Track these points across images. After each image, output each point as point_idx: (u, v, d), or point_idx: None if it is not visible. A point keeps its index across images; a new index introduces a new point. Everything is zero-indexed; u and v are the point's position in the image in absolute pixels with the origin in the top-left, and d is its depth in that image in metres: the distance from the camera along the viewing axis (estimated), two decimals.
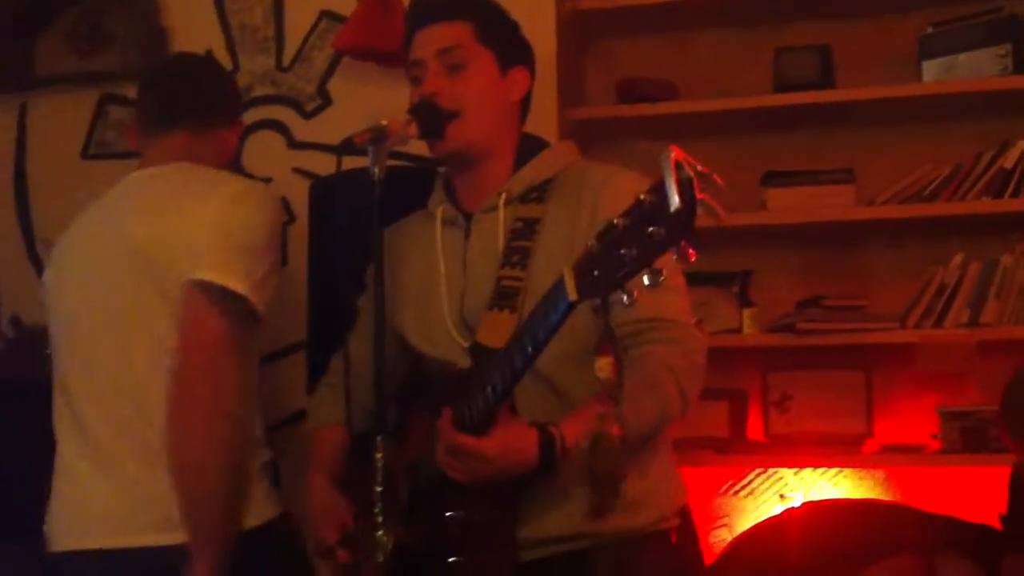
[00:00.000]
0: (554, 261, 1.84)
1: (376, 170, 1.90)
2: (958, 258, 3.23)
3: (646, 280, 1.37)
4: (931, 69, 3.30)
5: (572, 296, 1.47)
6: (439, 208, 2.10)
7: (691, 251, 1.33)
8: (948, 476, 3.20)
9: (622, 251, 1.37)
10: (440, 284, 2.03)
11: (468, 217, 2.07)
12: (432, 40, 2.01)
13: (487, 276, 1.97)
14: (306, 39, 3.60)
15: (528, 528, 1.87)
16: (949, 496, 3.16)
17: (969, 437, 3.10)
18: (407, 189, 2.99)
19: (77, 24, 3.75)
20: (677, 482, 2.07)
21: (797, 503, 3.18)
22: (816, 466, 3.27)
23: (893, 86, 3.31)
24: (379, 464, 1.79)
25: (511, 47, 2.08)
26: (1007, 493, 2.60)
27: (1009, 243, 3.23)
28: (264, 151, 3.58)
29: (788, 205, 3.31)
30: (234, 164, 3.48)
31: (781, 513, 3.09)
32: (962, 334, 3.14)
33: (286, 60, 3.62)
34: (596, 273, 1.42)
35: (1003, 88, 3.20)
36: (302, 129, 3.57)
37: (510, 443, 1.75)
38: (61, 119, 3.73)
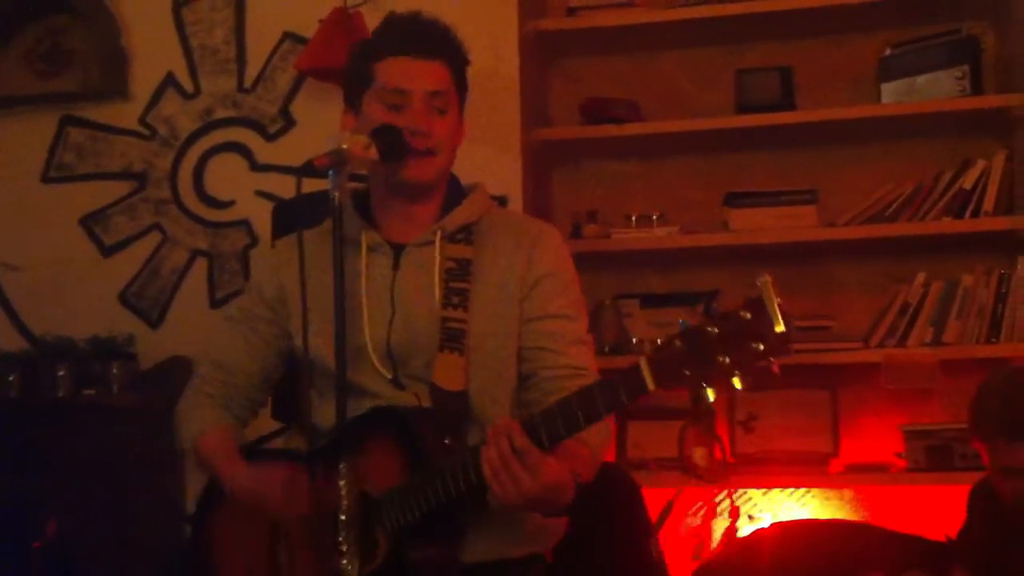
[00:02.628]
0: (491, 304, 2.00)
1: (336, 194, 1.88)
2: (920, 277, 3.25)
3: (736, 383, 1.56)
4: (890, 90, 3.33)
5: (651, 387, 1.62)
6: (363, 234, 2.06)
7: (776, 367, 1.56)
8: (914, 494, 3.22)
9: (719, 357, 1.55)
10: (362, 311, 2.00)
11: (397, 248, 2.06)
12: (423, 77, 2.02)
13: (422, 311, 1.99)
14: (268, 60, 3.58)
15: (465, 553, 1.93)
16: (915, 514, 3.17)
17: (933, 455, 3.12)
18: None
19: (36, 44, 3.71)
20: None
21: (765, 524, 3.18)
22: (783, 487, 3.28)
23: (853, 107, 3.35)
24: (344, 491, 1.76)
25: (465, 92, 2.13)
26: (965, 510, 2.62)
27: (969, 262, 3.26)
28: (226, 173, 3.56)
29: (751, 225, 3.33)
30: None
31: (751, 534, 3.09)
32: (925, 353, 3.16)
33: (248, 81, 3.60)
34: (687, 372, 1.58)
35: (961, 108, 3.24)
36: (264, 151, 3.56)
37: (562, 476, 1.79)
38: (20, 142, 3.69)
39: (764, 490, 3.30)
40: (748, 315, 1.53)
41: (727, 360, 1.54)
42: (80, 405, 3.24)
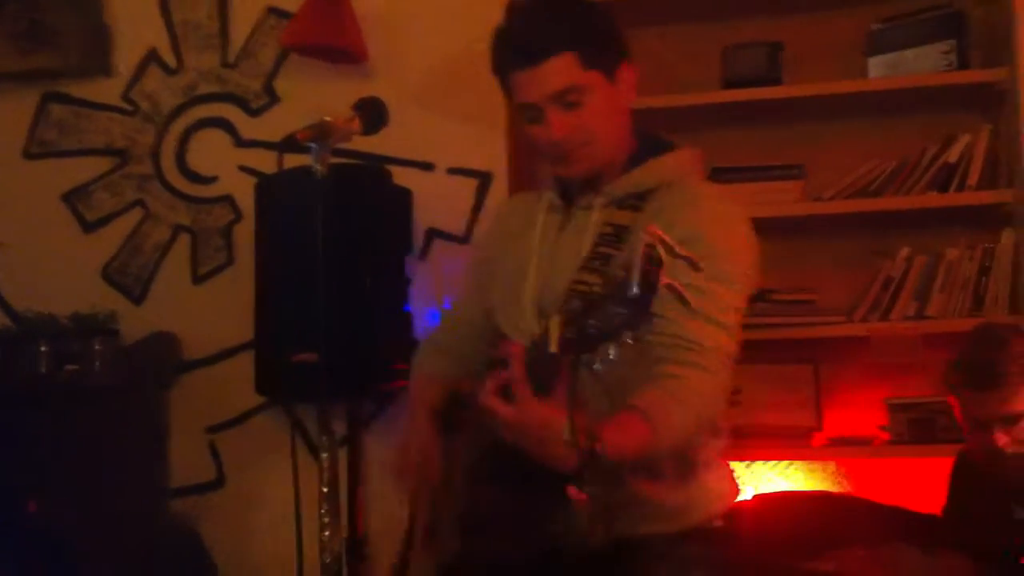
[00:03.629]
0: None
1: (319, 167, 1.87)
2: (904, 252, 3.25)
3: (611, 353, 1.45)
4: (877, 65, 3.32)
5: (553, 348, 1.53)
6: (547, 194, 2.09)
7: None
8: (896, 467, 3.23)
9: (590, 322, 1.46)
10: (530, 269, 2.02)
11: (568, 208, 2.06)
12: (541, 83, 1.91)
13: (567, 273, 1.96)
14: (251, 36, 3.57)
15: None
16: (898, 486, 3.18)
17: (916, 428, 3.13)
18: (354, 186, 2.99)
19: (17, 20, 3.68)
20: (720, 490, 2.12)
21: (748, 496, 3.19)
22: (766, 459, 3.29)
23: (840, 82, 3.33)
24: (325, 464, 1.77)
25: (612, 52, 1.99)
26: (947, 484, 2.63)
27: (953, 236, 3.26)
28: (210, 149, 3.55)
29: (738, 200, 3.30)
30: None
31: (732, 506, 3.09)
32: (908, 327, 3.17)
33: (231, 57, 3.58)
34: (569, 336, 1.50)
35: (948, 83, 3.22)
36: (248, 127, 3.54)
37: (545, 419, 1.65)
38: (1, 118, 3.67)
39: (747, 463, 3.32)
40: (622, 274, 1.44)
41: (595, 324, 1.48)
42: (62, 381, 3.23)
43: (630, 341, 1.45)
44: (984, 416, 2.32)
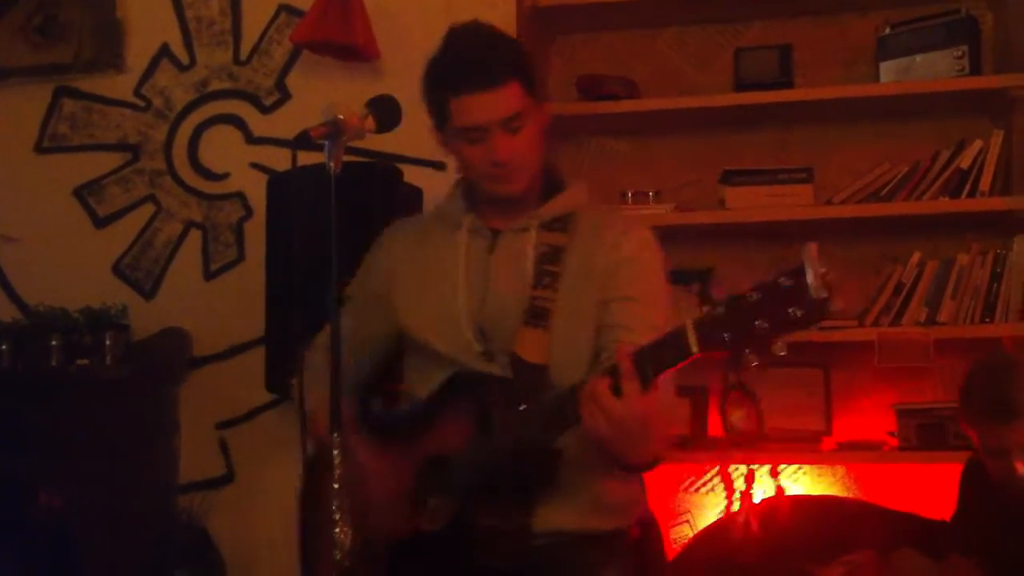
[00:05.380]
0: (577, 285, 2.06)
1: (332, 165, 1.87)
2: (915, 257, 3.25)
3: (780, 350, 1.60)
4: (889, 69, 3.32)
5: (694, 349, 1.65)
6: (465, 218, 2.16)
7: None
8: (905, 472, 3.22)
9: (756, 321, 1.59)
10: (459, 288, 2.10)
11: (494, 232, 2.14)
12: (493, 108, 2.03)
13: (512, 289, 2.08)
14: (264, 33, 3.57)
15: (538, 520, 1.98)
16: (907, 492, 3.18)
17: (926, 434, 3.12)
18: (366, 184, 2.99)
19: (31, 16, 3.69)
20: (635, 496, 2.18)
21: (758, 500, 3.19)
22: (776, 463, 3.28)
23: (851, 86, 3.34)
24: (337, 460, 1.77)
25: (540, 85, 2.14)
26: (957, 490, 2.63)
27: (965, 242, 3.26)
28: (221, 146, 3.55)
29: (747, 203, 3.32)
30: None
31: (741, 509, 3.10)
32: (919, 332, 3.16)
33: (244, 54, 3.58)
34: (726, 336, 1.62)
35: (959, 89, 3.22)
36: (260, 124, 3.54)
37: (653, 410, 1.77)
38: (14, 113, 3.67)
39: (757, 466, 3.31)
40: (788, 282, 1.58)
41: (765, 325, 1.58)
42: (72, 376, 3.23)
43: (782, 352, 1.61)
44: (1002, 446, 2.31)
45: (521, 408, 1.92)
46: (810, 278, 1.56)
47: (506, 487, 1.94)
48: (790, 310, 1.57)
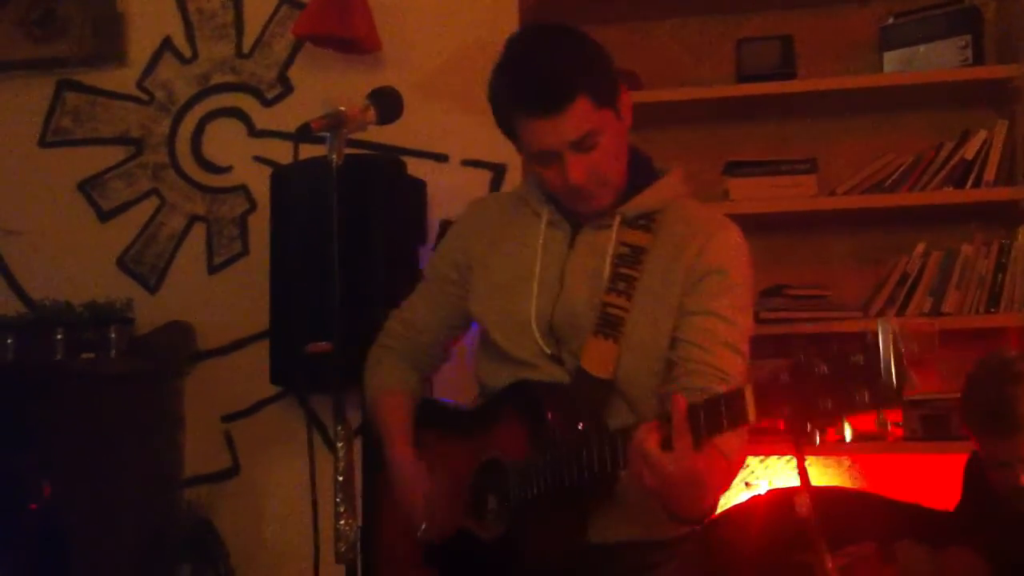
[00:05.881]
0: (655, 293, 1.94)
1: (334, 157, 1.87)
2: (920, 248, 3.24)
3: (845, 433, 1.49)
4: (892, 60, 3.31)
5: (751, 418, 1.55)
6: (544, 208, 2.05)
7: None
8: (910, 463, 3.22)
9: (818, 400, 1.46)
10: (532, 284, 2.00)
11: (575, 226, 2.04)
12: (560, 131, 1.89)
13: (585, 293, 1.98)
14: (266, 26, 3.56)
15: (594, 533, 1.93)
16: (911, 483, 3.18)
17: (930, 425, 3.12)
18: (368, 177, 2.99)
19: (30, 9, 3.68)
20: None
21: (762, 490, 3.19)
22: (781, 454, 3.29)
23: (854, 77, 3.33)
24: (341, 453, 1.77)
25: (615, 85, 1.96)
26: (961, 482, 2.62)
27: (969, 233, 3.26)
28: (224, 139, 3.55)
29: (750, 195, 3.32)
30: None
31: (746, 500, 3.10)
32: (924, 322, 3.15)
33: (246, 47, 3.58)
34: (786, 409, 1.50)
35: (963, 79, 3.22)
36: (262, 117, 3.54)
37: (703, 473, 1.69)
38: (17, 106, 3.67)
39: (762, 457, 3.31)
40: (860, 359, 1.45)
41: (829, 404, 1.47)
42: (77, 370, 3.23)
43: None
44: (1004, 459, 2.30)
45: (580, 427, 1.85)
46: (884, 361, 1.42)
47: (561, 500, 1.86)
48: (858, 393, 1.44)
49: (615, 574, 1.94)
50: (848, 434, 1.39)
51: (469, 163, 3.39)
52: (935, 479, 3.08)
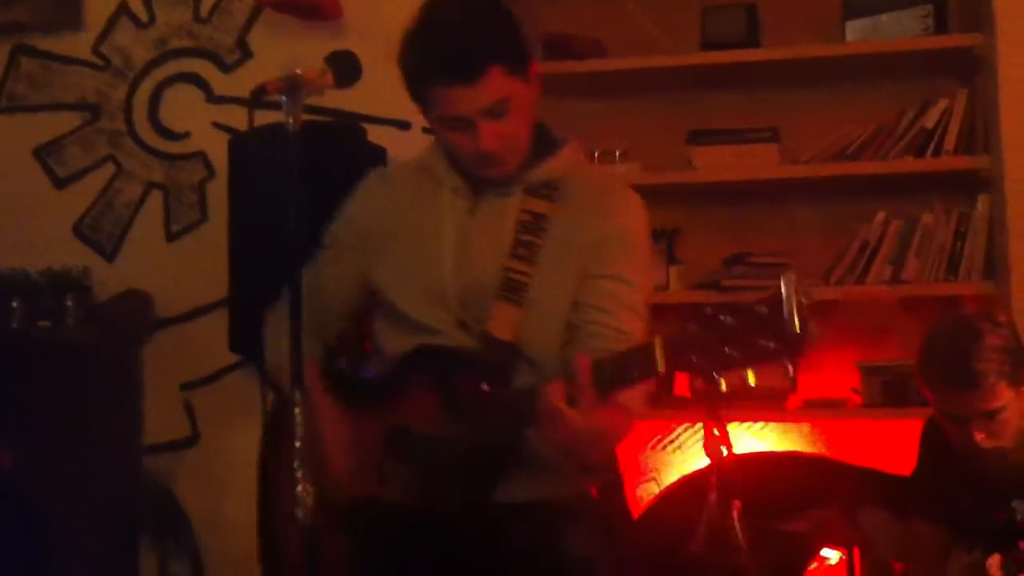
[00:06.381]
0: (557, 259, 1.98)
1: (291, 121, 1.84)
2: (880, 216, 3.26)
3: (751, 380, 1.60)
4: (855, 29, 3.31)
5: (661, 369, 1.63)
6: (448, 177, 2.06)
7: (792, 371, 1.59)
8: (870, 429, 3.25)
9: (726, 348, 1.54)
10: (436, 251, 2.03)
11: (476, 194, 2.05)
12: (474, 99, 1.91)
13: (489, 259, 2.00)
14: None
15: (500, 493, 1.96)
16: (871, 448, 3.21)
17: (890, 391, 3.15)
18: (328, 143, 2.96)
19: None
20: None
21: (723, 457, 3.20)
22: (741, 420, 3.31)
23: (817, 45, 3.32)
24: (298, 419, 1.75)
25: (527, 54, 1.99)
26: (917, 449, 2.65)
27: (929, 201, 3.27)
28: (182, 105, 3.51)
29: (714, 163, 3.32)
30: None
31: (707, 467, 3.11)
32: (884, 290, 3.18)
33: (204, 11, 3.53)
34: (694, 358, 1.58)
35: (925, 48, 3.22)
36: (221, 82, 3.50)
37: (608, 425, 1.80)
38: None
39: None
40: (764, 309, 1.52)
41: (735, 353, 1.54)
42: (35, 338, 3.21)
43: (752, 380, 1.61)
44: (961, 413, 2.31)
45: (485, 389, 1.89)
46: (787, 309, 1.50)
47: (468, 462, 1.91)
48: (763, 341, 1.52)
49: (523, 532, 1.98)
50: (752, 380, 1.43)
51: (430, 130, 3.34)
52: (895, 445, 3.10)
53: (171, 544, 3.37)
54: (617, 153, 3.38)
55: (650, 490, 3.34)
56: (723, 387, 1.61)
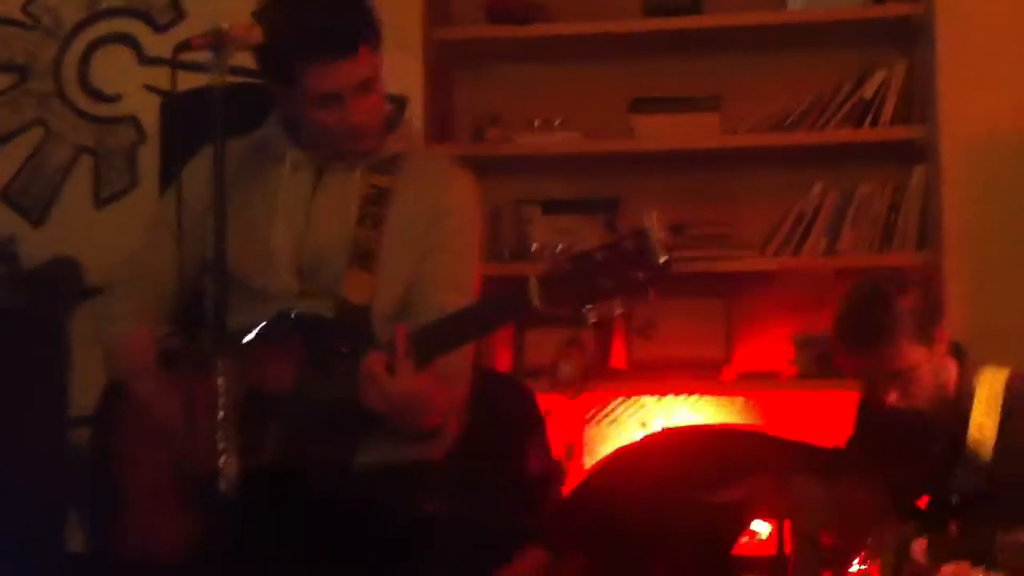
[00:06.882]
0: (404, 230, 2.09)
1: (218, 78, 1.80)
2: (817, 187, 3.27)
3: (617, 309, 1.71)
4: None
5: (537, 303, 1.74)
6: (289, 152, 2.13)
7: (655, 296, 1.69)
8: (804, 402, 3.27)
9: (598, 280, 1.69)
10: (277, 225, 2.09)
11: (319, 168, 2.13)
12: (346, 76, 2.01)
13: (335, 230, 2.08)
14: None
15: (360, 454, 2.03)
16: (806, 421, 3.22)
17: (824, 363, 3.15)
18: (259, 106, 2.90)
19: None
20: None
21: (657, 429, 3.22)
22: (676, 392, 3.31)
23: (758, 13, 3.32)
24: (222, 390, 1.73)
25: (379, 30, 2.09)
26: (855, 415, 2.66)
27: (868, 172, 3.29)
28: (113, 66, 3.42)
29: (656, 132, 3.31)
30: None
31: (641, 439, 3.12)
32: (819, 262, 3.20)
33: None
34: (567, 291, 1.72)
35: (865, 17, 3.23)
36: (154, 43, 3.41)
37: (425, 390, 1.89)
38: None
39: (658, 397, 3.34)
40: (630, 244, 1.68)
41: (609, 284, 1.68)
42: None
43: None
44: (871, 374, 2.32)
45: (344, 350, 1.95)
46: (652, 243, 1.67)
47: (328, 424, 1.97)
48: (632, 272, 1.67)
49: (384, 493, 2.03)
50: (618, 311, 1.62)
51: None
52: (828, 418, 3.12)
53: None
54: (557, 121, 3.36)
55: (584, 464, 3.34)
56: (590, 319, 1.71)
